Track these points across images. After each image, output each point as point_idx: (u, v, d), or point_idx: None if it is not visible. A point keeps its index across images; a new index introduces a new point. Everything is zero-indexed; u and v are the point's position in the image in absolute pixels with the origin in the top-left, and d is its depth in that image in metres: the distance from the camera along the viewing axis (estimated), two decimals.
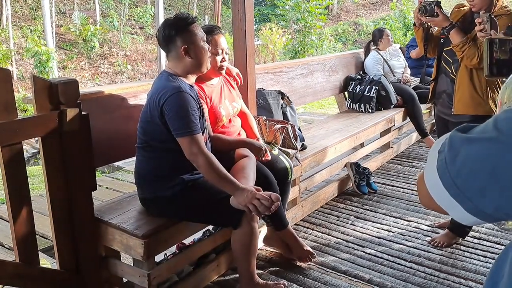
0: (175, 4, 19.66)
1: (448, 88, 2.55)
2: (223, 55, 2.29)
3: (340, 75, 4.43)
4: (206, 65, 2.03)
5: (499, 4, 2.34)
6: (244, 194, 1.85)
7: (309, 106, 8.26)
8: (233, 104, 2.40)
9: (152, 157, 2.01)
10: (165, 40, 1.96)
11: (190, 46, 1.94)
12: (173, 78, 1.94)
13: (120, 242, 1.97)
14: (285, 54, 13.16)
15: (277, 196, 1.87)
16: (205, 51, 1.99)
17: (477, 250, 2.57)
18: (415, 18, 2.53)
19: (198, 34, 1.97)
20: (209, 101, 2.26)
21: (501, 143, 0.55)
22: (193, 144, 1.86)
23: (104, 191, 4.11)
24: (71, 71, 12.79)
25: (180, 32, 1.93)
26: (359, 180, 3.45)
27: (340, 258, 2.51)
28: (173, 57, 1.98)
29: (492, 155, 0.56)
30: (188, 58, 1.95)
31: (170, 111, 1.85)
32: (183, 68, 1.98)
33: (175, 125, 1.86)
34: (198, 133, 1.87)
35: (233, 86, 2.49)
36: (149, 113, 1.93)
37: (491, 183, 0.56)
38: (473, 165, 0.57)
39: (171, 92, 1.85)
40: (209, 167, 1.87)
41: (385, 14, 19.24)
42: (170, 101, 1.85)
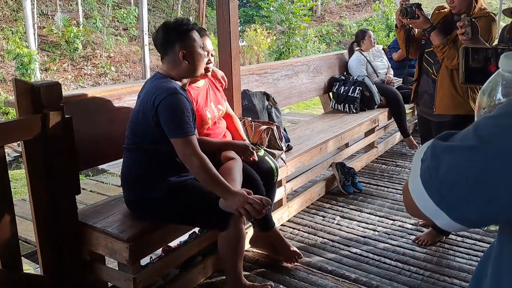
0: (159, 5, 19.55)
1: (430, 89, 2.58)
2: (209, 57, 2.29)
3: (324, 76, 4.46)
4: (201, 71, 2.05)
5: (478, 6, 2.38)
6: (236, 198, 1.85)
7: (294, 106, 8.29)
8: (218, 107, 2.40)
9: (140, 158, 2.00)
10: (164, 44, 1.98)
11: (188, 51, 1.96)
12: (167, 80, 1.95)
13: (105, 246, 1.95)
14: (270, 55, 13.18)
15: (268, 200, 1.89)
16: (201, 57, 2.02)
17: (460, 248, 2.61)
18: (397, 20, 2.56)
19: (196, 40, 1.99)
20: (195, 103, 2.26)
21: (482, 151, 0.56)
22: (187, 146, 1.86)
23: (88, 194, 4.07)
24: (53, 73, 12.62)
25: (180, 37, 1.95)
26: (344, 180, 3.48)
27: (326, 258, 2.53)
28: (169, 60, 1.99)
29: (474, 163, 0.56)
30: (185, 63, 1.97)
31: (166, 112, 1.85)
32: (178, 72, 1.99)
33: (170, 126, 1.86)
34: (192, 134, 1.88)
35: (218, 89, 2.49)
36: (142, 113, 1.92)
37: (475, 191, 0.56)
38: (456, 174, 0.58)
39: (167, 93, 1.85)
40: (203, 168, 1.87)
41: (368, 15, 19.41)
42: (165, 102, 1.84)
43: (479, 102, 0.80)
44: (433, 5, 13.62)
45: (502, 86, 0.76)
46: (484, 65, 0.91)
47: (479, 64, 0.99)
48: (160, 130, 1.88)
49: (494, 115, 0.58)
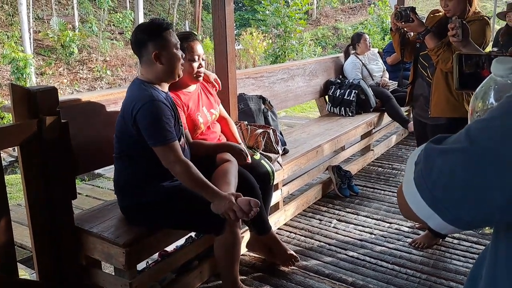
0: (155, 9, 19.57)
1: (425, 92, 2.60)
2: (200, 62, 2.28)
3: (320, 79, 4.47)
4: (178, 72, 1.99)
5: (472, 9, 2.40)
6: (222, 202, 1.85)
7: (290, 110, 8.30)
8: (211, 111, 2.39)
9: (130, 166, 1.99)
10: (137, 44, 1.95)
11: (162, 52, 1.91)
12: (145, 85, 1.91)
13: (101, 251, 1.94)
14: (266, 58, 13.21)
15: (256, 202, 1.88)
16: (177, 58, 1.96)
17: (457, 250, 2.62)
18: (392, 23, 2.58)
19: (171, 40, 1.94)
20: (186, 109, 2.25)
21: (473, 153, 0.57)
22: (169, 153, 1.85)
23: (84, 199, 4.05)
24: (49, 77, 12.59)
25: (153, 37, 1.91)
26: (340, 183, 3.48)
27: (323, 262, 2.53)
28: (144, 62, 1.95)
29: (466, 165, 0.57)
30: (159, 64, 1.92)
31: (144, 121, 1.83)
32: (155, 74, 1.95)
33: (150, 135, 1.84)
34: (173, 141, 1.86)
35: (211, 93, 2.48)
36: (123, 122, 1.91)
37: (466, 193, 0.57)
38: (448, 176, 0.59)
39: (143, 102, 1.83)
40: (187, 174, 1.86)
41: (364, 19, 19.51)
42: (142, 111, 1.82)
43: (472, 106, 0.81)
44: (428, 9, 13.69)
45: (494, 91, 0.77)
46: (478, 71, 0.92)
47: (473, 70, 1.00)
48: (142, 139, 1.86)
49: (485, 118, 0.58)
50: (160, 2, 20.32)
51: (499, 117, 0.57)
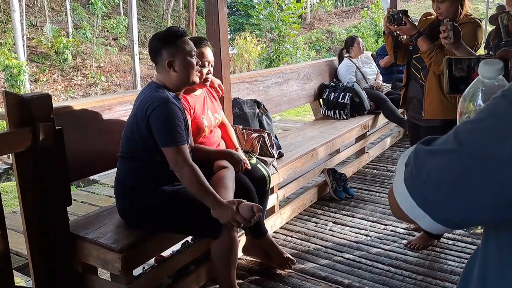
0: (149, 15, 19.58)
1: (418, 94, 2.62)
2: (209, 68, 2.31)
3: (314, 83, 4.49)
4: (192, 79, 2.02)
5: (463, 12, 2.43)
6: (225, 212, 1.86)
7: (285, 113, 8.32)
8: (215, 115, 2.42)
9: (135, 167, 2.00)
10: (153, 52, 2.00)
11: (175, 59, 1.95)
12: (161, 89, 1.95)
13: (97, 257, 1.94)
14: (260, 62, 13.25)
15: (259, 207, 1.90)
16: (191, 65, 1.99)
17: (452, 251, 2.63)
18: (384, 26, 2.60)
19: (184, 48, 1.97)
20: (193, 111, 2.28)
21: (462, 154, 0.58)
22: (178, 155, 1.86)
23: (80, 205, 4.04)
24: (43, 84, 12.56)
25: (167, 45, 1.95)
26: (336, 185, 3.49)
27: (319, 264, 2.54)
28: (159, 69, 2.00)
29: (454, 166, 0.58)
30: (172, 72, 1.96)
31: (157, 121, 1.86)
32: (169, 80, 1.99)
33: (161, 135, 1.87)
34: (183, 144, 1.88)
35: (215, 98, 2.51)
36: (135, 123, 1.93)
37: (455, 193, 0.58)
38: (437, 177, 0.60)
39: (158, 103, 1.86)
40: (193, 178, 1.87)
41: (357, 22, 19.61)
42: (157, 112, 1.85)
43: (460, 108, 0.83)
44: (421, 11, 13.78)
45: (482, 92, 0.79)
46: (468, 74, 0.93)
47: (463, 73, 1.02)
48: (153, 139, 1.89)
49: (473, 120, 0.60)
50: (154, 7, 20.34)
51: (486, 118, 0.58)
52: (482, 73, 0.78)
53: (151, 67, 14.67)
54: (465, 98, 0.81)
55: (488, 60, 0.79)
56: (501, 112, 0.56)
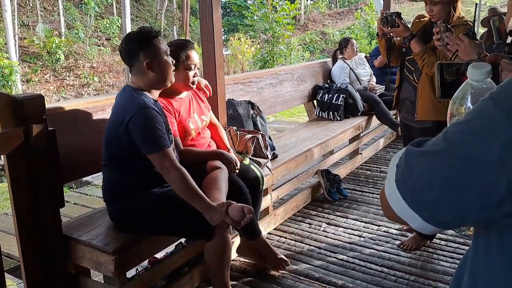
0: (142, 15, 19.53)
1: (411, 95, 2.63)
2: (195, 70, 2.30)
3: (308, 84, 4.50)
4: (170, 79, 2.00)
5: (456, 14, 2.45)
6: (214, 215, 1.86)
7: (279, 114, 8.33)
8: (202, 117, 2.40)
9: (119, 173, 1.98)
10: (128, 54, 1.94)
11: (153, 60, 1.92)
12: (136, 93, 1.91)
13: (90, 259, 1.93)
14: (254, 63, 13.27)
15: (250, 208, 1.89)
16: (168, 65, 1.97)
17: (444, 251, 2.64)
18: (378, 28, 2.61)
19: (161, 48, 1.94)
20: (178, 115, 2.26)
21: (451, 155, 0.59)
22: (164, 159, 1.85)
23: (72, 207, 4.02)
24: (35, 84, 12.48)
25: (143, 46, 1.91)
26: (329, 187, 3.50)
27: (313, 265, 2.54)
28: (135, 71, 1.95)
29: (443, 167, 0.59)
30: (151, 73, 1.92)
31: (137, 130, 1.83)
32: (146, 82, 1.95)
33: (144, 143, 1.85)
34: (168, 147, 1.87)
35: (202, 99, 2.48)
36: (113, 129, 1.90)
37: (444, 193, 0.59)
38: (427, 177, 0.61)
39: (136, 110, 1.83)
40: (181, 181, 1.86)
41: (351, 24, 19.69)
42: (135, 120, 1.82)
43: (450, 110, 0.84)
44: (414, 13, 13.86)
45: (471, 95, 0.80)
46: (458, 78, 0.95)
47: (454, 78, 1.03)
48: (133, 146, 1.86)
49: (462, 121, 0.61)
50: (148, 8, 20.30)
51: (474, 119, 0.59)
52: (470, 76, 0.80)
53: None
54: (455, 100, 0.83)
55: (476, 64, 0.81)
56: (489, 114, 0.57)
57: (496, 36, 1.73)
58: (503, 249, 0.61)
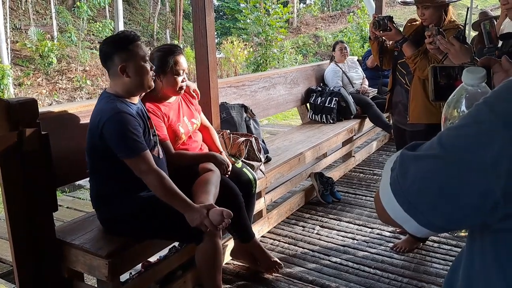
0: (135, 18, 19.49)
1: (403, 99, 2.65)
2: (184, 76, 2.30)
3: (301, 87, 4.52)
4: (148, 84, 1.96)
5: (447, 18, 2.48)
6: (194, 215, 1.85)
7: (273, 117, 8.34)
8: (192, 121, 2.40)
9: (104, 182, 1.98)
10: (104, 57, 1.93)
11: (128, 64, 1.88)
12: (111, 98, 1.89)
13: (83, 263, 1.92)
14: (247, 66, 13.28)
15: (229, 213, 1.87)
16: (144, 70, 1.92)
17: (437, 253, 2.66)
18: (370, 32, 2.63)
19: (137, 53, 1.90)
20: (167, 119, 2.26)
21: (445, 160, 0.59)
22: (140, 163, 1.84)
23: (65, 211, 3.99)
24: (27, 88, 12.40)
25: (119, 50, 1.88)
26: (323, 189, 3.51)
27: (307, 268, 2.55)
28: (112, 75, 1.93)
29: (437, 171, 0.60)
30: (126, 78, 1.89)
31: (111, 135, 1.82)
32: (122, 87, 1.92)
33: (119, 148, 1.84)
34: (143, 150, 1.85)
35: (191, 102, 2.48)
36: (91, 137, 1.90)
37: (439, 197, 0.59)
38: (421, 181, 0.61)
39: (107, 115, 1.82)
40: (159, 184, 1.85)
41: (343, 27, 19.77)
42: (107, 125, 1.81)
43: (445, 114, 0.85)
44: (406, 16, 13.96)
45: (465, 99, 0.81)
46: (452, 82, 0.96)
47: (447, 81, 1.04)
48: (110, 151, 1.85)
49: (456, 126, 0.61)
50: (140, 11, 20.26)
51: (468, 124, 0.59)
52: (465, 81, 0.80)
53: None
54: (449, 104, 0.84)
55: (471, 68, 0.81)
56: (483, 119, 0.57)
57: (487, 40, 1.75)
58: (498, 252, 0.61)
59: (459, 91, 0.83)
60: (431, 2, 2.39)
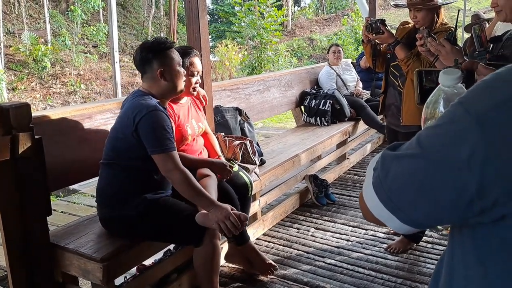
0: (129, 22, 19.49)
1: (397, 101, 2.67)
2: (198, 77, 2.33)
3: (295, 90, 4.53)
4: (181, 88, 2.07)
5: (439, 21, 2.50)
6: (219, 211, 1.88)
7: (267, 120, 8.36)
8: (199, 124, 2.44)
9: (118, 174, 2.00)
10: (142, 62, 2.01)
11: (166, 69, 1.99)
12: (148, 97, 1.97)
13: (78, 267, 1.92)
14: (242, 70, 13.30)
15: (246, 216, 1.94)
16: (180, 75, 2.04)
17: (430, 254, 2.68)
18: (363, 35, 2.65)
19: (174, 58, 2.02)
20: (177, 119, 2.29)
21: (423, 158, 0.61)
22: (168, 161, 1.88)
23: (60, 215, 3.98)
24: (21, 92, 12.35)
25: (157, 55, 1.98)
26: (317, 192, 3.53)
27: (301, 270, 2.56)
28: (148, 78, 2.02)
29: (416, 170, 0.62)
30: (163, 81, 1.99)
31: (147, 129, 1.87)
32: (157, 89, 2.02)
33: (151, 142, 1.88)
34: (173, 150, 1.91)
35: (199, 107, 2.53)
36: (121, 130, 1.94)
37: (418, 195, 0.62)
38: (402, 180, 0.63)
39: (148, 110, 1.87)
40: (186, 182, 1.90)
41: (338, 29, 19.85)
42: (146, 119, 1.86)
43: (424, 114, 0.87)
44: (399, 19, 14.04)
45: (443, 100, 0.83)
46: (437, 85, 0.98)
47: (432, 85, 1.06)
48: (139, 147, 1.89)
49: (433, 126, 0.63)
50: (135, 15, 20.26)
51: (444, 124, 0.61)
52: (442, 82, 0.83)
53: (132, 75, 14.58)
54: (428, 105, 0.86)
55: (448, 70, 0.84)
56: (458, 118, 0.59)
57: (477, 44, 1.77)
58: (477, 246, 0.63)
59: (436, 93, 0.85)
60: (424, 5, 2.42)
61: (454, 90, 0.82)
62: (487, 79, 0.61)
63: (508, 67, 0.61)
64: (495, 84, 0.60)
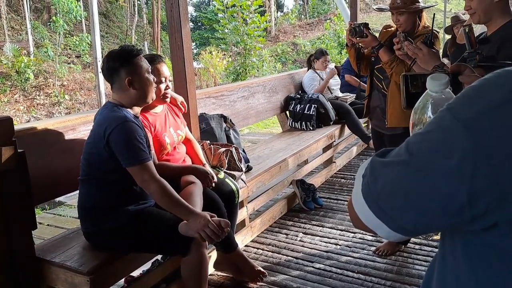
0: (112, 31, 19.38)
1: (381, 103, 2.70)
2: (167, 83, 2.31)
3: (280, 95, 4.55)
4: (151, 96, 2.04)
5: (421, 24, 2.54)
6: (197, 220, 1.86)
7: (254, 126, 8.36)
8: (177, 132, 2.41)
9: (96, 189, 1.97)
10: (109, 71, 1.97)
11: (135, 77, 1.96)
12: (118, 108, 1.94)
13: (64, 281, 1.89)
14: (227, 76, 13.30)
15: (227, 222, 1.90)
16: (150, 82, 2.01)
17: (418, 255, 2.70)
18: (347, 39, 2.68)
19: (142, 66, 1.99)
20: (153, 129, 2.27)
21: (412, 165, 0.60)
22: (144, 172, 1.86)
23: (46, 228, 3.92)
24: (4, 105, 12.18)
25: (125, 64, 1.95)
26: (305, 196, 3.53)
27: (291, 276, 2.55)
28: (117, 88, 1.99)
29: (405, 177, 0.61)
30: (132, 90, 1.96)
31: (118, 142, 1.85)
32: (127, 99, 1.98)
33: (124, 155, 1.86)
34: (148, 160, 1.88)
35: (177, 114, 2.51)
36: (94, 144, 1.91)
37: (407, 202, 0.61)
38: (390, 187, 0.62)
39: (117, 123, 1.85)
40: (163, 192, 1.87)
41: (321, 34, 20.00)
42: (116, 132, 1.84)
43: (412, 120, 0.87)
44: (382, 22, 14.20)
45: (431, 105, 0.83)
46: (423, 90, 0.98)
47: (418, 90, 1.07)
48: (113, 160, 1.87)
49: (422, 132, 0.63)
50: (118, 24, 20.16)
51: (433, 130, 0.61)
52: (429, 87, 0.83)
53: None
54: (416, 111, 0.86)
55: (435, 75, 0.84)
56: (446, 124, 0.59)
57: (468, 45, 1.78)
58: (468, 254, 0.63)
59: (424, 98, 0.85)
60: (406, 8, 2.45)
61: (442, 95, 0.82)
62: (475, 85, 0.60)
63: (496, 72, 0.60)
64: (484, 90, 0.59)
